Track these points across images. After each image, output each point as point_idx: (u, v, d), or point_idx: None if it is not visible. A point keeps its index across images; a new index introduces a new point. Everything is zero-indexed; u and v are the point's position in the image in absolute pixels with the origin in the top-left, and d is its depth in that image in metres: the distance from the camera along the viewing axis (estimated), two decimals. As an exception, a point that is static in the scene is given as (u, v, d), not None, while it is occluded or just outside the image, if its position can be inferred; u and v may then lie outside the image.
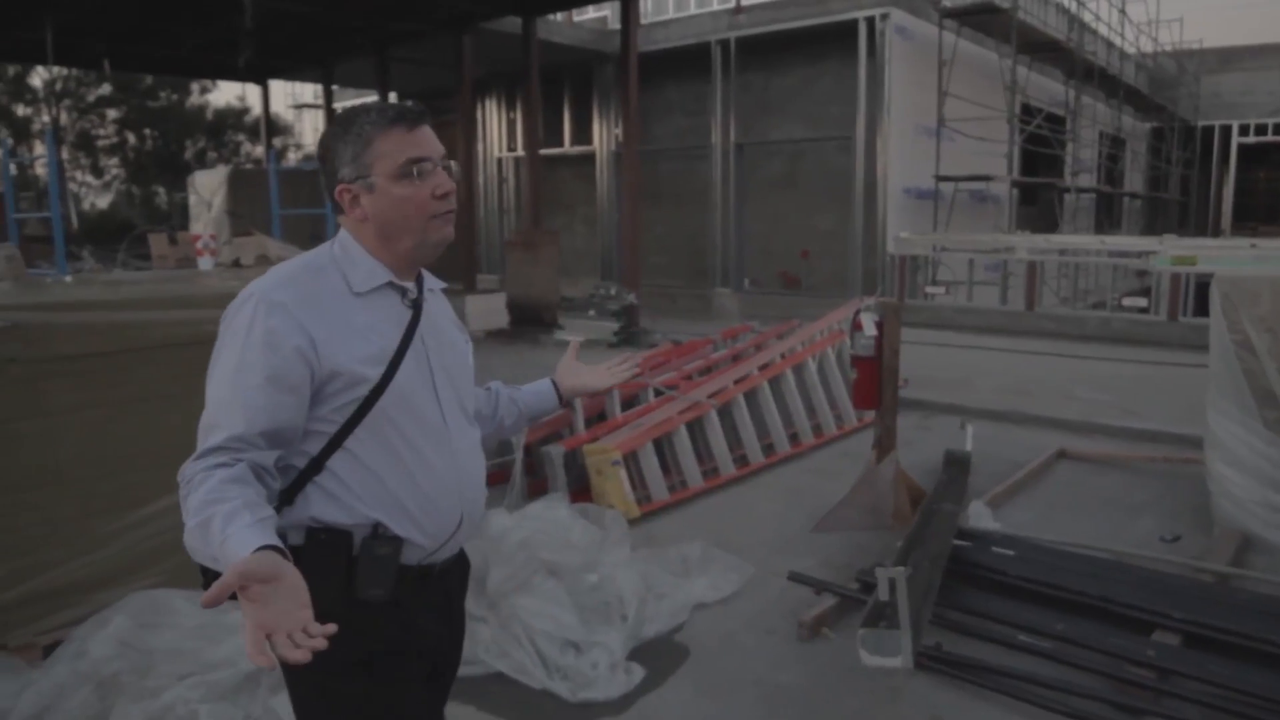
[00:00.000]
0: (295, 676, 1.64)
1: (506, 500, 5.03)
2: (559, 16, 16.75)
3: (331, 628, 1.24)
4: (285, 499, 1.58)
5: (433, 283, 1.80)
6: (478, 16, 14.00)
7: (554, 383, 2.10)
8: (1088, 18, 18.18)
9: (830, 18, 14.72)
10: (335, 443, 1.58)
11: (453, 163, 1.74)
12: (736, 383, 6.31)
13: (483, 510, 1.81)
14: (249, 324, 1.53)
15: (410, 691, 1.70)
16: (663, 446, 5.60)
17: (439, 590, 1.75)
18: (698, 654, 3.64)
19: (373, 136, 1.60)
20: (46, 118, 33.86)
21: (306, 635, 1.22)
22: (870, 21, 14.34)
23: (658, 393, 6.16)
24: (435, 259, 1.71)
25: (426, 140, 1.64)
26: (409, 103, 1.68)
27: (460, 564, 1.83)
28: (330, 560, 1.57)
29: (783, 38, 15.30)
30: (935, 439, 6.65)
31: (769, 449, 6.34)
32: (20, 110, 34.53)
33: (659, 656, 3.58)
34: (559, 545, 3.83)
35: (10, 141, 17.31)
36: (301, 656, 1.20)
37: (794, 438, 6.59)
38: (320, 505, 1.59)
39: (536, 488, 5.34)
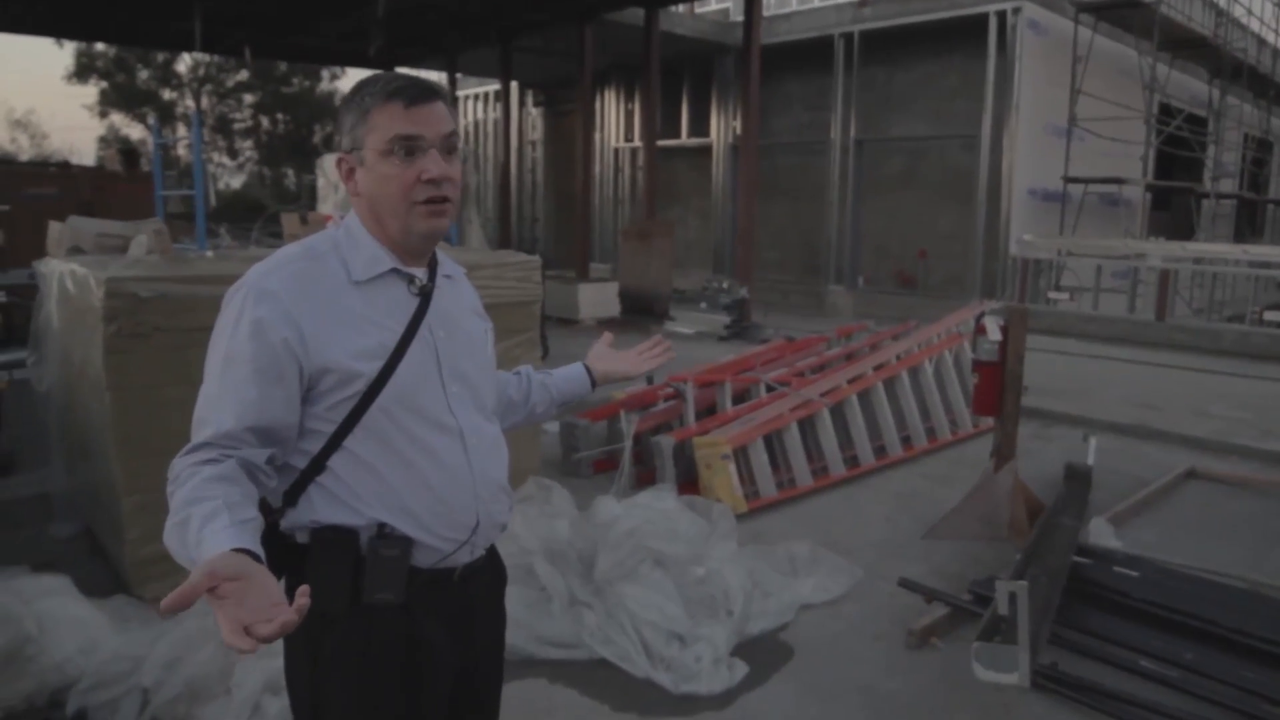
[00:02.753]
0: (298, 679, 1.58)
1: (615, 488, 5.07)
2: (681, 8, 16.76)
3: (305, 587, 1.17)
4: (289, 499, 1.52)
5: (451, 268, 1.69)
6: (601, 8, 14.11)
7: (586, 367, 2.02)
8: (1238, 12, 17.22)
9: (959, 11, 14.32)
10: (334, 442, 1.49)
11: (465, 148, 1.64)
12: (850, 382, 6.21)
13: (506, 511, 1.67)
14: (238, 314, 1.45)
15: (420, 701, 1.58)
16: (773, 443, 5.56)
17: (457, 599, 1.62)
18: (802, 655, 3.60)
19: (370, 108, 1.49)
20: (190, 102, 35.73)
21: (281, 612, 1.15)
22: (1001, 15, 13.89)
23: (770, 388, 6.11)
24: (429, 250, 1.61)
25: (425, 119, 1.49)
26: (420, 77, 1.57)
27: (491, 570, 1.71)
28: (337, 560, 1.49)
29: (908, 32, 14.95)
30: (1055, 450, 6.41)
31: (880, 451, 6.22)
32: (166, 94, 36.52)
33: (763, 655, 3.55)
34: (666, 536, 3.84)
35: (158, 123, 18.30)
36: (276, 630, 1.12)
37: (906, 441, 6.44)
38: (324, 506, 1.50)
39: (645, 477, 5.37)
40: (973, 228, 14.54)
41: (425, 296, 1.57)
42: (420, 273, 1.59)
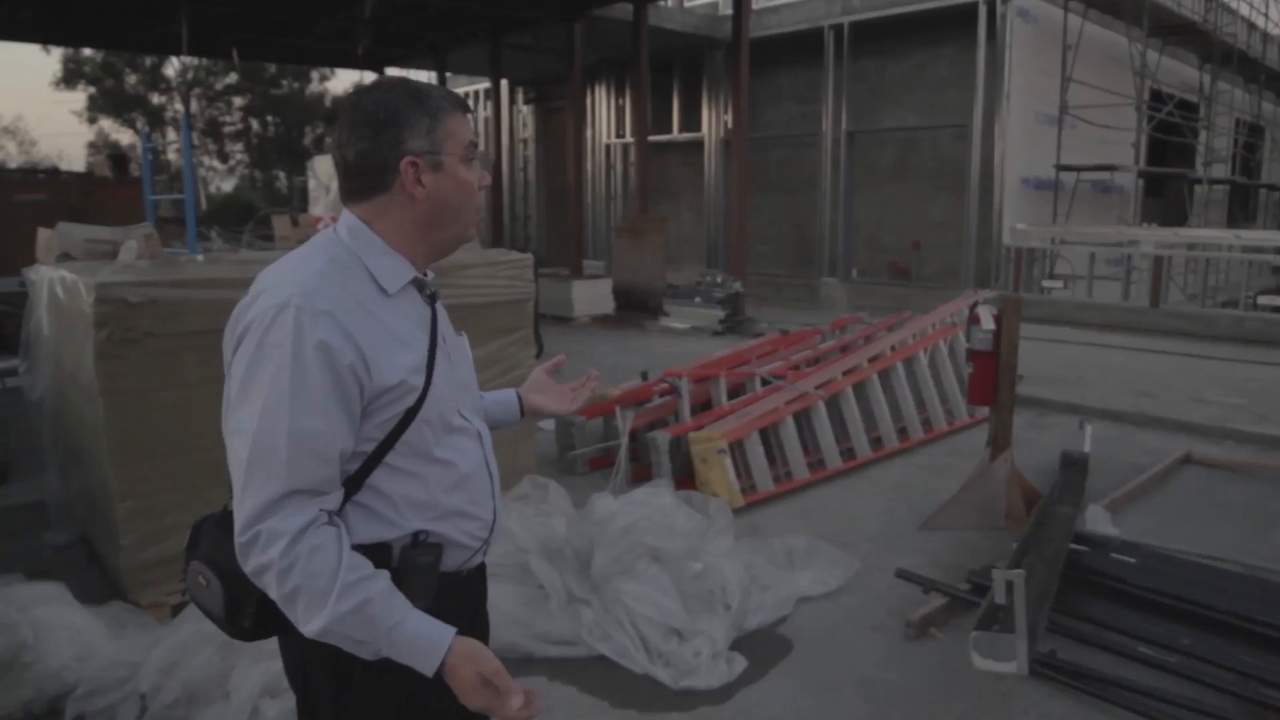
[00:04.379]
0: (310, 685, 1.56)
1: (611, 485, 5.07)
2: (669, 2, 16.73)
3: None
4: None
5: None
6: (591, 4, 14.09)
7: (518, 395, 1.95)
8: (1227, -3, 17.23)
9: (949, 1, 14.29)
10: (376, 459, 1.45)
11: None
12: (845, 374, 6.21)
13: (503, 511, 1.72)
14: (294, 337, 1.35)
15: (450, 707, 1.53)
16: (769, 436, 5.56)
17: (469, 599, 1.65)
18: (801, 648, 3.60)
19: (441, 113, 1.48)
20: (179, 105, 35.61)
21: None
22: (991, 4, 13.87)
23: (765, 382, 6.11)
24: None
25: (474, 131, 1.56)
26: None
27: (482, 569, 1.72)
28: None
29: (898, 22, 14.93)
30: (1051, 439, 6.42)
31: (876, 443, 6.22)
32: (155, 98, 36.41)
33: (761, 648, 3.56)
34: (663, 531, 3.83)
35: (147, 128, 18.23)
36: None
37: (902, 432, 6.44)
38: (359, 525, 1.45)
39: (641, 474, 5.37)
40: (966, 217, 14.53)
41: (434, 302, 1.58)
42: (428, 280, 1.59)
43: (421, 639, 1.38)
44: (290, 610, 1.36)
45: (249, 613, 1.44)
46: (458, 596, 1.59)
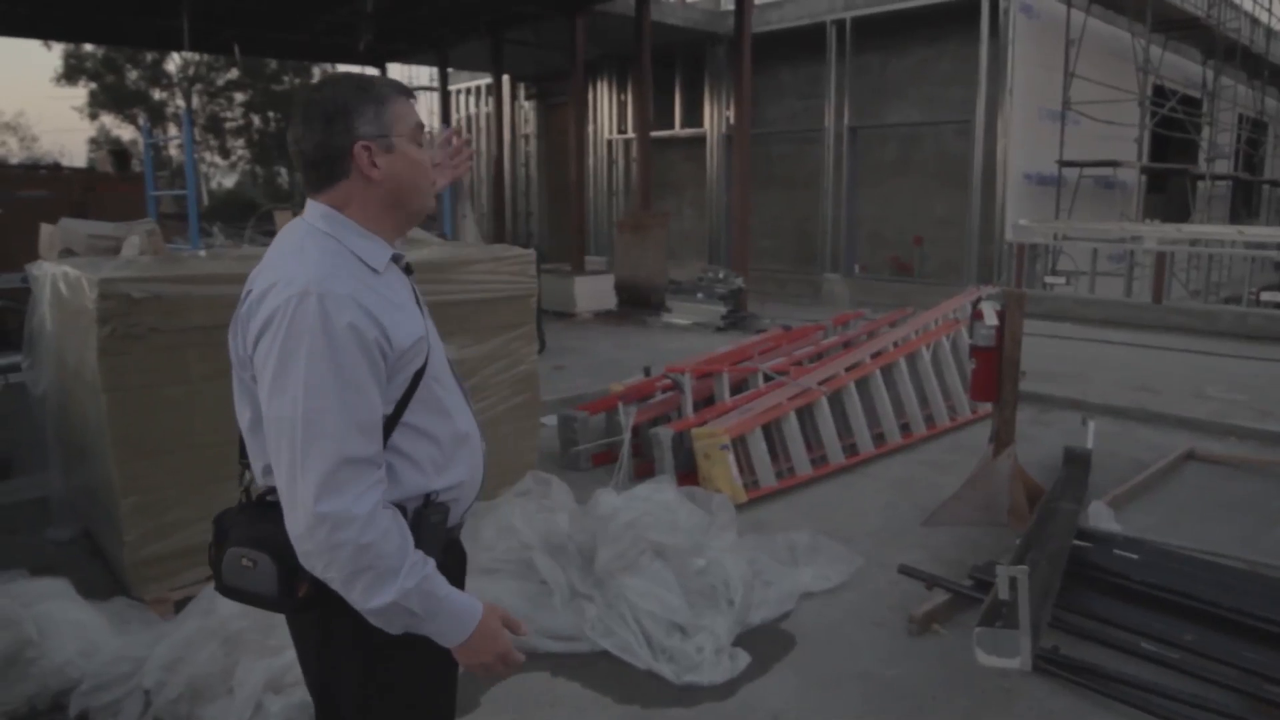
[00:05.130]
0: (340, 655, 1.61)
1: (614, 480, 5.07)
2: (673, -3, 16.70)
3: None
4: None
5: None
6: (592, -1, 14.07)
7: None
8: (1231, -8, 17.17)
9: (952, -4, 14.27)
10: (394, 418, 1.54)
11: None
12: (848, 370, 6.20)
13: None
14: (323, 323, 1.42)
15: (451, 663, 1.65)
16: (771, 432, 5.55)
17: (457, 557, 1.74)
18: (804, 643, 3.60)
19: (386, 97, 1.58)
20: (180, 101, 35.58)
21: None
22: (994, 0, 13.84)
23: (767, 378, 6.10)
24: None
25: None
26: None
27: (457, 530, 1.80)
28: None
29: (900, 17, 14.89)
30: (1054, 435, 6.42)
31: (879, 439, 6.22)
32: (157, 94, 36.39)
33: (764, 644, 3.56)
34: (666, 527, 3.83)
35: (149, 124, 18.23)
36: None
37: (905, 428, 6.44)
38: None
39: (643, 469, 5.37)
40: (968, 213, 14.51)
41: (409, 273, 1.68)
42: (401, 253, 1.68)
43: (461, 613, 1.52)
44: (350, 588, 1.43)
45: (306, 580, 1.50)
46: (454, 554, 1.71)
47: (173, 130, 32.63)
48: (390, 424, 1.53)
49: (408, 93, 1.64)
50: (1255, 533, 4.74)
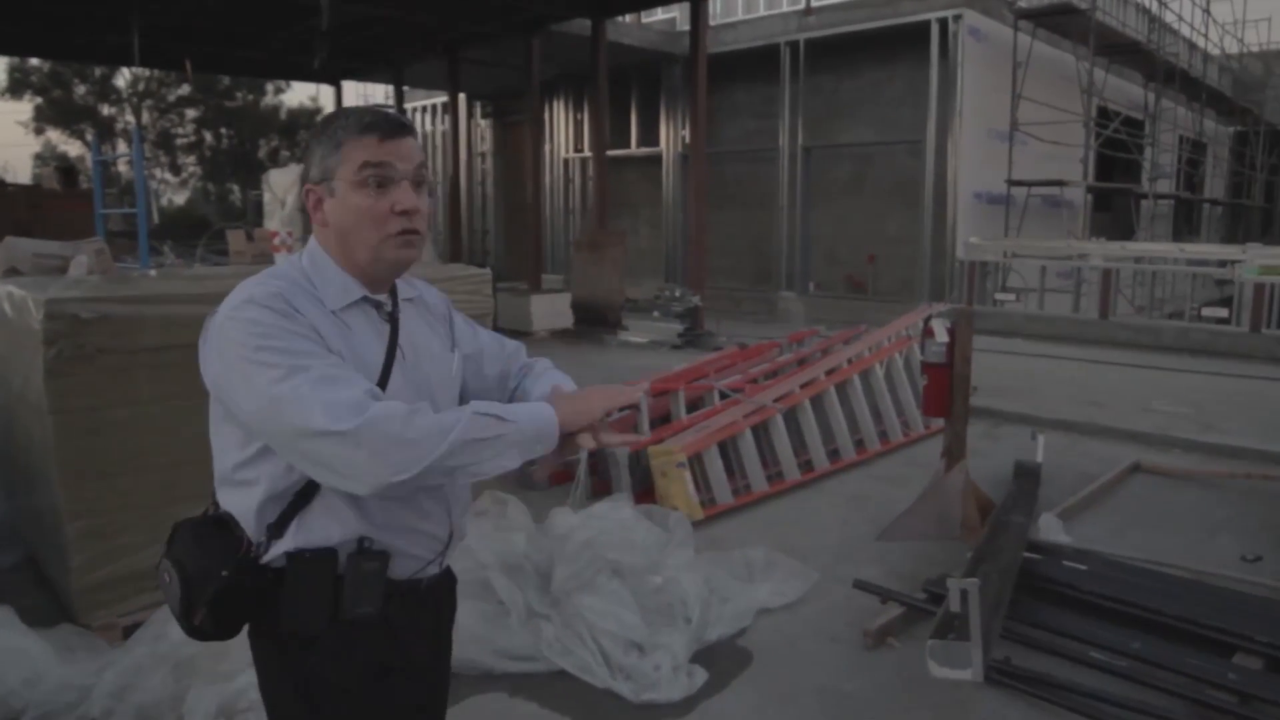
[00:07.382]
0: (279, 700, 1.59)
1: (571, 499, 5.05)
2: (628, 18, 16.81)
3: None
4: (275, 532, 1.49)
5: (411, 290, 1.70)
6: (549, 19, 14.11)
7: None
8: (1169, 18, 17.69)
9: (902, 19, 14.55)
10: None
11: (434, 183, 1.65)
12: (803, 387, 6.26)
13: (468, 524, 1.77)
14: (257, 319, 1.40)
15: (402, 715, 1.63)
16: (727, 450, 5.58)
17: (429, 609, 1.69)
18: (761, 659, 3.62)
19: (343, 140, 1.49)
20: (130, 117, 35.02)
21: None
22: (943, 23, 14.13)
23: (723, 396, 6.14)
24: (393, 279, 1.62)
25: (399, 152, 1.51)
26: (392, 111, 1.57)
27: (447, 580, 1.75)
28: (316, 579, 1.49)
29: (853, 39, 15.15)
30: (1004, 449, 6.52)
31: (834, 455, 6.28)
32: (105, 109, 35.78)
33: (722, 660, 3.57)
34: (623, 545, 3.84)
35: (97, 140, 17.91)
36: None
37: (860, 444, 6.51)
38: (310, 529, 1.49)
39: (600, 488, 5.37)
40: (920, 232, 14.75)
41: (394, 322, 1.60)
42: (385, 299, 1.61)
43: (536, 409, 1.54)
44: (411, 449, 1.35)
45: (201, 612, 1.47)
46: (415, 609, 1.63)
47: (122, 146, 32.11)
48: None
49: (381, 131, 1.50)
50: (1199, 542, 4.86)
